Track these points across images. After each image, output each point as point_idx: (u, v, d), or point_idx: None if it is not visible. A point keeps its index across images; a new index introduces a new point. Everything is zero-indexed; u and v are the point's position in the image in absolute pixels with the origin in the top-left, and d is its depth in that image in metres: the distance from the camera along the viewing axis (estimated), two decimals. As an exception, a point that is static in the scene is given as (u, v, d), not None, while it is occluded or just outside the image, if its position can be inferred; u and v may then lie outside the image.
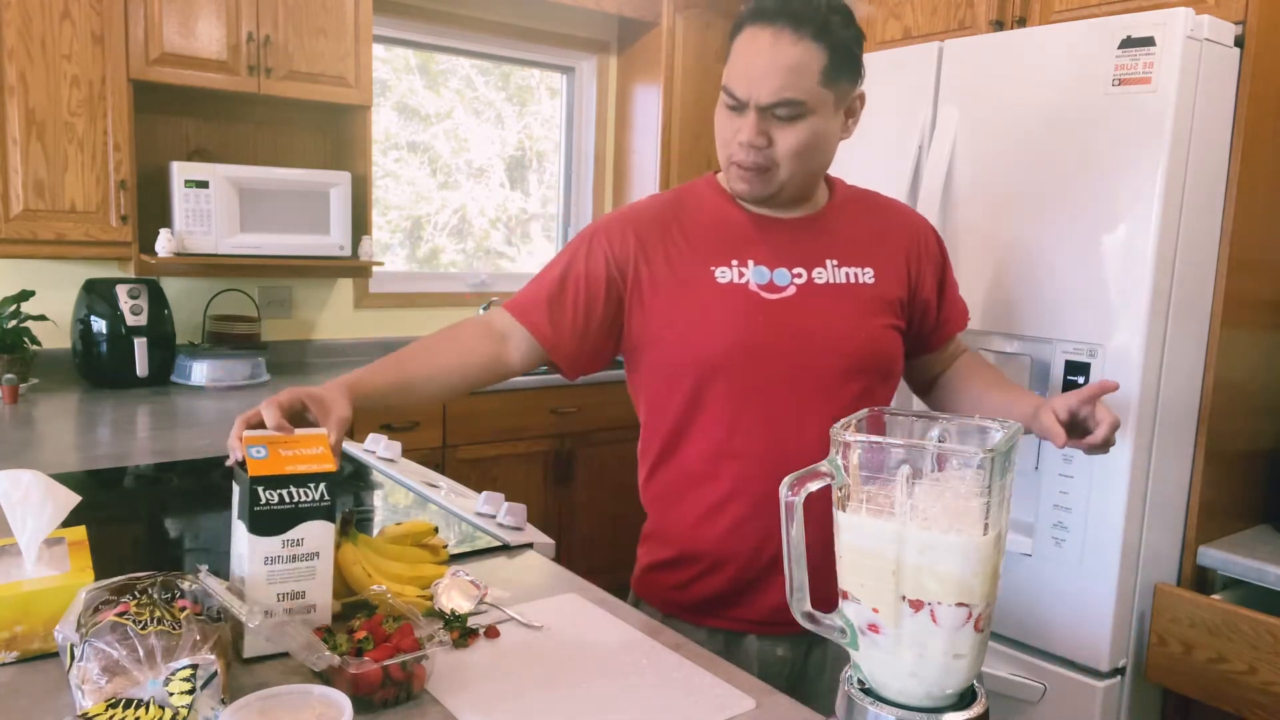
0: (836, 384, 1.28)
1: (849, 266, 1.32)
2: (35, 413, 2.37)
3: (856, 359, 1.29)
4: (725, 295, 1.26)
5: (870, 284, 1.32)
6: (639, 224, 1.31)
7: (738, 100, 1.20)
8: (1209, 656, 1.69)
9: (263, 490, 0.98)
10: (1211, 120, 1.71)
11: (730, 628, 1.33)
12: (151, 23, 2.60)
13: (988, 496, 0.77)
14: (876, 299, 1.32)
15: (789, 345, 1.26)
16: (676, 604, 1.34)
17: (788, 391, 1.27)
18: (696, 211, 1.32)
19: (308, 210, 2.91)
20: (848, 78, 1.22)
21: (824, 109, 1.21)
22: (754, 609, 1.31)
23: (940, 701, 0.82)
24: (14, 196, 2.45)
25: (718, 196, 1.33)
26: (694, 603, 1.33)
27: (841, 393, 1.29)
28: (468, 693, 0.97)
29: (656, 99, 3.68)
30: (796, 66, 1.17)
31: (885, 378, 1.34)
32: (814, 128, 1.21)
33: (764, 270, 1.28)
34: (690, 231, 1.30)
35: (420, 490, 1.73)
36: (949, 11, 2.36)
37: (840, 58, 1.19)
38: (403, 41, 3.52)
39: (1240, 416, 1.90)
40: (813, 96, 1.19)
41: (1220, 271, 1.78)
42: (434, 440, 2.97)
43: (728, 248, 1.29)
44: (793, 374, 1.27)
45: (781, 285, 1.28)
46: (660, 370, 1.31)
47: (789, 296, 1.28)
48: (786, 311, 1.27)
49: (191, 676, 0.81)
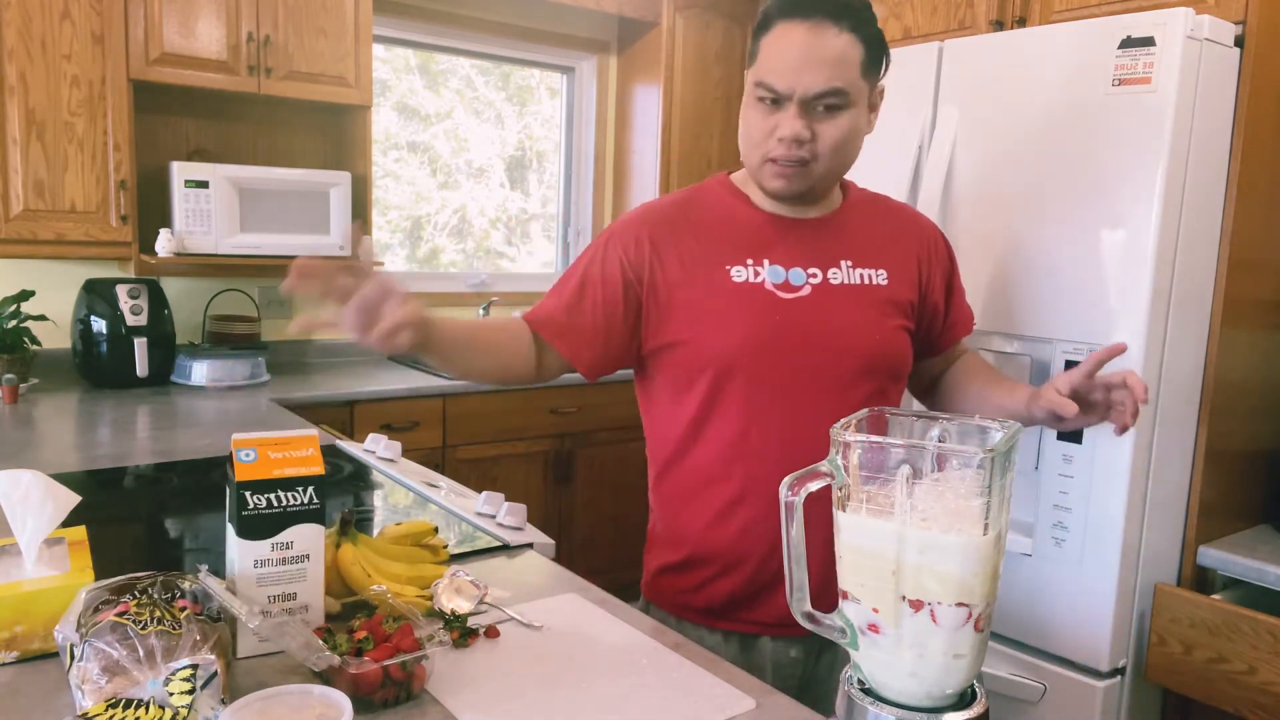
0: (850, 384, 1.29)
1: (863, 268, 1.32)
2: (35, 413, 2.37)
3: (870, 359, 1.30)
4: (741, 294, 1.26)
5: (884, 285, 1.32)
6: (652, 226, 1.30)
7: (778, 94, 1.19)
8: (1209, 656, 1.69)
9: (250, 495, 0.98)
10: (1211, 120, 1.71)
11: (744, 630, 1.32)
12: (151, 23, 2.60)
13: (988, 496, 0.77)
14: (889, 301, 1.32)
15: (804, 344, 1.27)
16: (690, 608, 1.33)
17: (802, 391, 1.27)
18: (710, 211, 1.33)
19: (308, 210, 2.92)
20: (878, 71, 1.24)
21: (860, 101, 1.22)
22: (768, 610, 1.30)
23: (940, 701, 0.82)
24: (14, 196, 2.45)
25: (731, 196, 1.33)
26: (707, 606, 1.32)
27: (854, 393, 1.29)
28: (468, 693, 0.97)
29: (656, 99, 3.68)
30: (840, 58, 1.17)
31: (896, 378, 1.35)
32: (853, 120, 1.22)
33: (780, 270, 1.28)
34: (704, 231, 1.30)
35: (420, 490, 1.73)
36: (949, 11, 2.36)
37: (874, 51, 1.22)
38: (403, 41, 3.53)
39: (1240, 416, 1.90)
40: (854, 88, 1.20)
41: (1220, 271, 1.78)
42: (434, 440, 2.97)
43: (743, 247, 1.29)
44: (808, 373, 1.27)
45: (797, 285, 1.28)
46: (676, 370, 1.30)
47: (804, 296, 1.28)
48: (802, 311, 1.27)
49: (191, 676, 0.81)
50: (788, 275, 1.28)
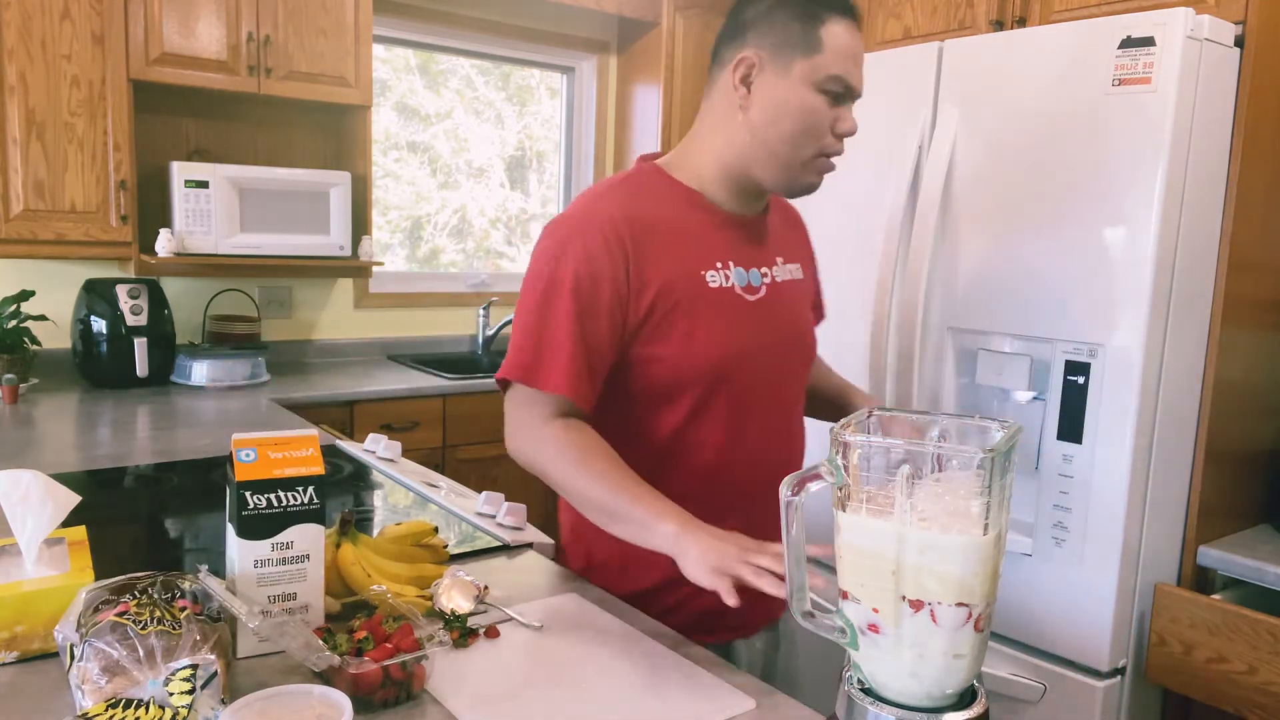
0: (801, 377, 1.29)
1: (790, 263, 1.33)
2: (35, 413, 2.37)
3: (809, 351, 1.31)
4: (718, 301, 1.21)
5: (802, 279, 1.35)
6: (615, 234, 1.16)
7: (850, 89, 1.18)
8: (1209, 656, 1.69)
9: (250, 495, 0.98)
10: (1211, 120, 1.71)
11: (720, 639, 1.27)
12: (151, 23, 2.60)
13: (988, 496, 0.77)
14: (809, 293, 1.36)
15: (772, 345, 1.25)
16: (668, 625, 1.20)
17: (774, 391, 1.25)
18: (667, 209, 1.22)
19: (308, 210, 2.91)
20: None
21: None
22: (744, 615, 1.25)
23: (940, 701, 0.82)
24: (14, 196, 2.45)
25: (679, 192, 1.25)
26: (686, 623, 1.21)
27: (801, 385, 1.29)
28: (468, 693, 0.97)
29: (656, 99, 3.68)
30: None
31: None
32: None
33: (742, 271, 1.24)
34: (670, 234, 1.20)
35: (420, 490, 1.73)
36: (949, 11, 2.36)
37: None
38: (403, 41, 3.52)
39: (1240, 416, 1.90)
40: None
41: (1220, 271, 1.78)
42: (434, 440, 2.97)
43: (707, 249, 1.22)
44: (777, 373, 1.26)
45: (757, 286, 1.25)
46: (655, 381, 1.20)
47: (764, 297, 1.25)
48: (764, 312, 1.25)
49: (191, 676, 0.81)
50: (749, 277, 1.25)
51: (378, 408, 2.85)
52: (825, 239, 2.21)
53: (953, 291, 1.96)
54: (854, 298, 2.14)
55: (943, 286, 1.98)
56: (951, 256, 1.96)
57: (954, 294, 1.96)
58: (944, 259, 1.97)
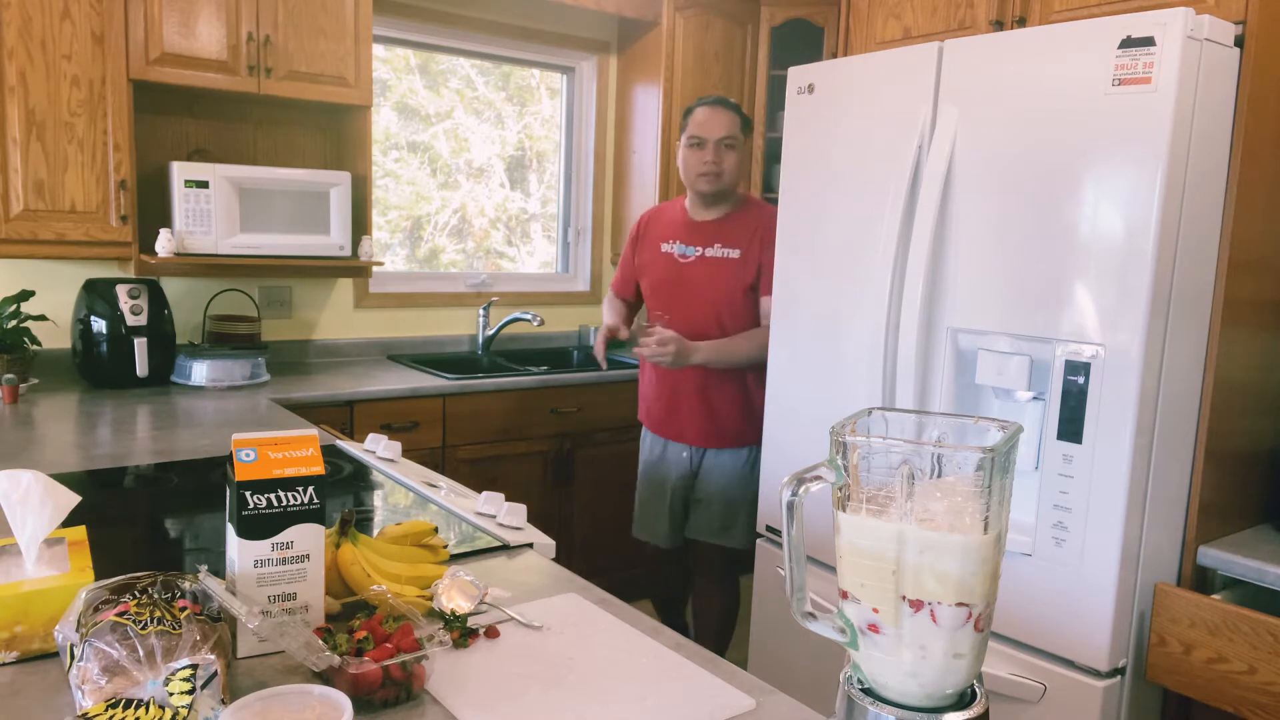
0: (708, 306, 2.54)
1: (728, 248, 2.52)
2: (35, 413, 2.37)
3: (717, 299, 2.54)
4: (664, 258, 2.63)
5: (737, 259, 2.52)
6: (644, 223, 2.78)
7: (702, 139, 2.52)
8: (1209, 656, 1.69)
9: (250, 495, 0.98)
10: (1211, 120, 1.71)
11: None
12: (151, 23, 2.60)
13: (988, 496, 0.77)
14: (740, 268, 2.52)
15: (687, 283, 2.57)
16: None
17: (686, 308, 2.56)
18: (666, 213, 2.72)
19: (307, 210, 2.92)
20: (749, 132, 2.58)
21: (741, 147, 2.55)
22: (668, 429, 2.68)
23: (940, 701, 0.82)
24: (14, 196, 2.46)
25: (674, 204, 2.71)
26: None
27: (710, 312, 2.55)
28: (468, 693, 0.97)
29: (656, 99, 3.68)
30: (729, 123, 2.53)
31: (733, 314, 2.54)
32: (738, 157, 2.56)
33: (683, 245, 2.59)
34: (658, 225, 2.70)
35: (420, 490, 1.73)
36: (949, 11, 2.36)
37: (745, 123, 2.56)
38: (403, 41, 3.53)
39: (1240, 416, 1.90)
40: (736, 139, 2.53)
41: (1220, 271, 1.78)
42: (434, 440, 2.97)
43: (670, 232, 2.64)
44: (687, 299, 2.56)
45: (690, 256, 2.58)
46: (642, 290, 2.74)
47: (691, 261, 2.57)
48: (689, 269, 2.57)
49: (191, 676, 0.81)
50: (686, 250, 2.58)
51: (378, 408, 2.85)
52: (826, 239, 2.22)
53: (953, 291, 1.96)
54: (854, 298, 2.14)
55: (943, 286, 1.98)
56: (951, 256, 1.96)
57: (954, 294, 1.96)
58: (944, 259, 1.97)
